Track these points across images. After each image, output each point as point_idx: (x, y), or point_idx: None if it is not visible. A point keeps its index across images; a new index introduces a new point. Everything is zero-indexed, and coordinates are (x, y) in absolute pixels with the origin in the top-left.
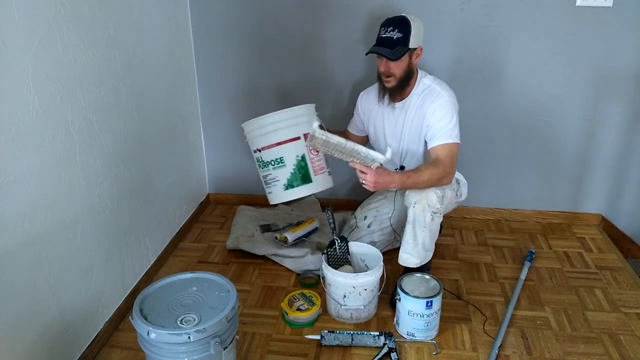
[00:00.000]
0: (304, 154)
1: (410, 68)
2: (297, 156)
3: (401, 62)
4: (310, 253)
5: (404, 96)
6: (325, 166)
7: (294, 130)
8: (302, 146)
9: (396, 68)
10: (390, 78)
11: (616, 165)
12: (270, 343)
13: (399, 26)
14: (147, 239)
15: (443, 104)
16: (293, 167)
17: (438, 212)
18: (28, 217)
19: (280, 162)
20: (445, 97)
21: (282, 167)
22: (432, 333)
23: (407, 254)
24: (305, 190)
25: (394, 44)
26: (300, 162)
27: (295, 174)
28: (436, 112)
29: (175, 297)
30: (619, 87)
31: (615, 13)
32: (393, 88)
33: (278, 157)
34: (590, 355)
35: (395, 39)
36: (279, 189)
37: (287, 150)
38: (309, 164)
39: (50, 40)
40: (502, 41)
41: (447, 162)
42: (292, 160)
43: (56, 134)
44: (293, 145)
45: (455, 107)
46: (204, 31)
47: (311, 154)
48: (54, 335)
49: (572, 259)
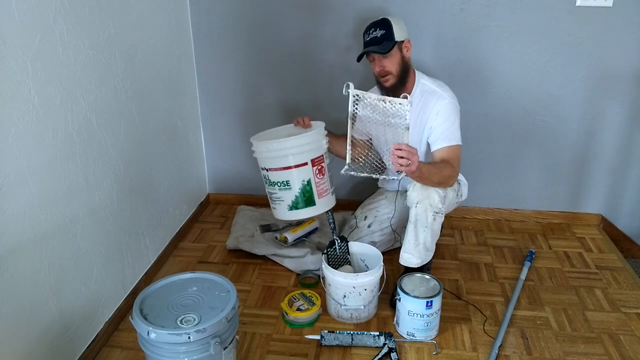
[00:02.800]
0: (310, 179)
1: (404, 62)
2: (303, 181)
3: (393, 56)
4: (310, 253)
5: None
6: (329, 187)
7: (302, 157)
8: (309, 171)
9: (390, 64)
10: (388, 77)
11: (616, 165)
12: (270, 343)
13: (380, 25)
14: (147, 239)
15: (446, 106)
16: (298, 190)
17: (440, 212)
18: (28, 217)
19: (286, 184)
20: (448, 99)
21: (288, 190)
22: (432, 333)
23: (408, 254)
24: (309, 212)
25: (380, 40)
26: (306, 186)
27: (300, 197)
28: (439, 114)
29: (175, 297)
30: (619, 87)
31: (615, 13)
32: (393, 85)
33: (285, 180)
34: (590, 355)
35: (379, 36)
36: (283, 208)
37: (294, 175)
38: (314, 188)
39: (50, 40)
40: (502, 41)
41: (454, 164)
42: (298, 184)
43: (56, 134)
44: (300, 171)
45: (457, 109)
46: (204, 31)
47: (317, 177)
48: (54, 335)
49: (572, 259)
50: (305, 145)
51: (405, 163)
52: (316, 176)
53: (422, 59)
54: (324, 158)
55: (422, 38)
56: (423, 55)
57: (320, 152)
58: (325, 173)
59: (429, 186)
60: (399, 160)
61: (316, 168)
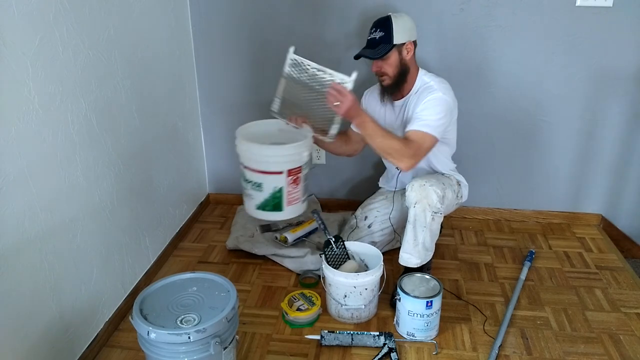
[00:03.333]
0: (282, 187)
1: (403, 64)
2: (275, 187)
3: (389, 59)
4: (310, 253)
5: (404, 93)
6: (300, 197)
7: (279, 166)
8: (284, 180)
9: (387, 66)
10: (384, 77)
11: (616, 165)
12: (270, 343)
13: (381, 26)
14: (147, 239)
15: (435, 97)
16: (269, 194)
17: (439, 212)
18: (28, 217)
19: (259, 186)
20: (440, 93)
21: (259, 191)
22: (432, 333)
23: (407, 254)
24: (275, 216)
25: (376, 43)
26: (277, 192)
27: (269, 201)
28: (426, 103)
29: (175, 297)
30: (619, 87)
31: (615, 13)
32: (389, 86)
33: (258, 182)
34: (590, 355)
35: (377, 38)
36: (251, 204)
37: (268, 180)
38: (284, 196)
39: (50, 40)
40: (502, 41)
41: (414, 146)
42: (270, 189)
43: (56, 134)
44: (275, 177)
45: (447, 105)
46: (204, 31)
47: (290, 187)
48: (54, 335)
49: (572, 259)
50: (285, 156)
51: (333, 101)
52: (289, 185)
53: (422, 58)
54: (301, 169)
55: (422, 38)
56: (423, 55)
57: (299, 164)
58: (300, 183)
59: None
60: (329, 99)
61: (291, 178)
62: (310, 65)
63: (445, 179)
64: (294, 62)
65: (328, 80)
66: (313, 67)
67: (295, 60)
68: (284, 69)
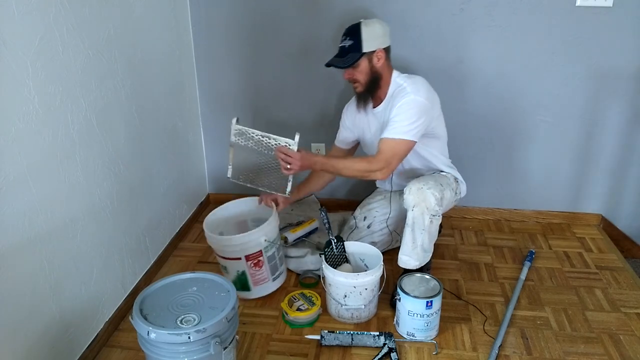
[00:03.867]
0: (244, 271)
1: (373, 72)
2: (237, 271)
3: (359, 67)
4: (310, 253)
5: (382, 98)
6: (267, 277)
7: (235, 253)
8: (243, 264)
9: (358, 74)
10: (356, 84)
11: (616, 165)
12: (270, 343)
13: (350, 34)
14: (147, 239)
15: (406, 102)
16: (234, 276)
17: (437, 214)
18: (28, 217)
19: (225, 268)
20: (412, 95)
21: (226, 273)
22: (432, 333)
23: (406, 256)
24: (244, 295)
25: (346, 51)
26: (240, 275)
27: (236, 282)
28: (397, 108)
29: (175, 297)
30: (619, 87)
31: (615, 13)
32: (361, 93)
33: (223, 265)
34: (590, 355)
35: (347, 47)
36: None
37: (229, 264)
38: (248, 277)
39: (50, 40)
40: (502, 41)
41: (382, 158)
42: (234, 272)
43: (56, 134)
44: (234, 262)
45: (420, 106)
46: (204, 31)
47: (252, 269)
48: (54, 335)
49: (572, 259)
50: (239, 245)
51: (285, 166)
52: (251, 268)
53: (422, 58)
54: (261, 253)
55: (422, 38)
56: (423, 55)
57: (258, 249)
58: (263, 265)
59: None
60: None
61: (251, 262)
62: (254, 133)
63: (442, 178)
64: (239, 132)
65: (273, 144)
66: (257, 134)
67: (239, 129)
68: (230, 138)
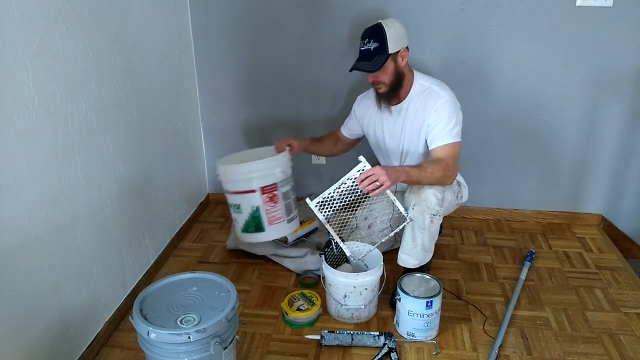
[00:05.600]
0: (258, 206)
1: (398, 71)
2: (252, 206)
3: (386, 69)
4: (310, 253)
5: (401, 98)
6: (283, 215)
7: (249, 184)
8: (257, 198)
9: (383, 76)
10: (380, 85)
11: (616, 165)
12: (270, 343)
13: (374, 36)
14: (147, 239)
15: (444, 104)
16: (248, 214)
17: (437, 214)
18: (28, 217)
19: (238, 208)
20: (446, 98)
21: (239, 213)
22: (432, 333)
23: (406, 255)
24: (258, 237)
25: (372, 55)
26: (255, 212)
27: (249, 222)
28: (437, 112)
29: (175, 297)
30: (619, 87)
31: (615, 13)
32: (386, 94)
33: (237, 204)
34: (590, 355)
35: (372, 49)
36: (238, 229)
37: (244, 200)
38: (263, 215)
39: (50, 40)
40: (502, 41)
41: (449, 162)
42: (248, 209)
43: (56, 134)
44: (249, 197)
45: (456, 106)
46: (204, 31)
47: (267, 205)
48: (54, 335)
49: (572, 259)
50: (252, 173)
51: (374, 187)
52: (266, 203)
53: (422, 59)
54: (277, 186)
55: (422, 38)
56: (423, 55)
57: (273, 181)
58: (278, 201)
59: (426, 188)
60: (369, 189)
61: (266, 196)
62: (330, 192)
63: None
64: (319, 205)
65: (353, 182)
66: (333, 190)
67: (318, 203)
68: (319, 219)
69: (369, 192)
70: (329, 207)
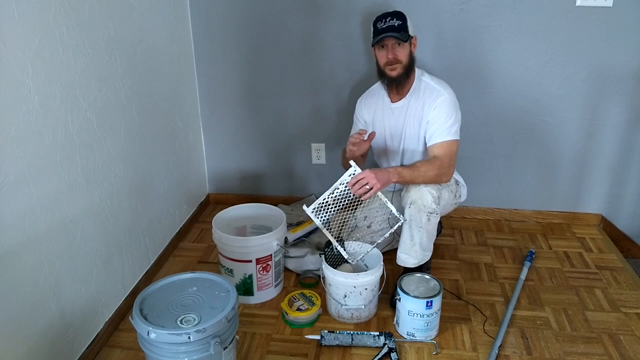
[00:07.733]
0: (252, 274)
1: (411, 57)
2: (245, 274)
3: (405, 48)
4: (310, 253)
5: (404, 93)
6: (272, 282)
7: (247, 255)
8: (252, 267)
9: (402, 54)
10: (396, 65)
11: (616, 165)
12: (270, 343)
13: (396, 16)
14: (147, 239)
15: (443, 102)
16: (240, 280)
17: (434, 212)
18: (28, 217)
19: (230, 272)
20: (446, 95)
21: (230, 276)
22: (432, 333)
23: (404, 254)
24: (246, 300)
25: (398, 29)
26: (247, 279)
27: (240, 286)
28: (436, 109)
29: (175, 297)
30: (619, 87)
31: (615, 13)
32: (399, 75)
33: (230, 268)
34: (590, 355)
35: (397, 25)
36: None
37: (237, 266)
38: (254, 282)
39: (50, 40)
40: (502, 41)
41: (444, 160)
42: (240, 275)
43: (56, 134)
44: (243, 265)
45: (455, 105)
46: (204, 31)
47: (259, 273)
48: (54, 335)
49: (572, 259)
50: (253, 247)
51: (365, 190)
52: (259, 272)
53: (422, 58)
54: (271, 257)
55: (422, 38)
56: (423, 55)
57: (268, 252)
58: (270, 270)
59: (422, 186)
60: (360, 193)
61: (260, 266)
62: (324, 198)
63: None
64: (315, 210)
65: (345, 187)
66: (327, 195)
67: (314, 209)
68: (316, 225)
69: (361, 195)
70: (325, 212)
